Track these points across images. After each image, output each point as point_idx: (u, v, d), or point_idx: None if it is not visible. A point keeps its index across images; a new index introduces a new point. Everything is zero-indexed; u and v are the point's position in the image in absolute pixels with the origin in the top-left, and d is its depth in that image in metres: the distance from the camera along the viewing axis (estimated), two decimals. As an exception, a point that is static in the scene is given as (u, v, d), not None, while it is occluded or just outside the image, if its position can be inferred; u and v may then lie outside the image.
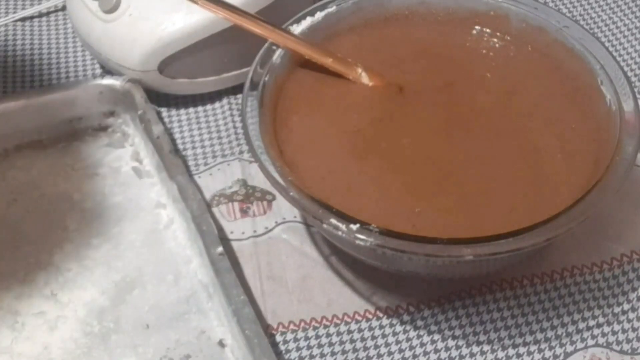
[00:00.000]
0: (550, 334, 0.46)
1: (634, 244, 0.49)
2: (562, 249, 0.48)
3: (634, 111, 0.45)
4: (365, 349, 0.45)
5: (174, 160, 0.51)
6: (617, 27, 0.62)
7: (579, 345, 0.45)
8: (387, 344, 0.45)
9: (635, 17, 0.62)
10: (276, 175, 0.43)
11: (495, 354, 0.45)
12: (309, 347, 0.45)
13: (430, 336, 0.46)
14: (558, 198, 0.43)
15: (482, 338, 0.46)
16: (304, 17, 0.50)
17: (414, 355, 0.45)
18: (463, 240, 0.40)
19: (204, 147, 0.54)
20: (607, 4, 0.63)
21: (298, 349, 0.45)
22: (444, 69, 0.50)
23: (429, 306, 0.47)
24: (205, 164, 0.53)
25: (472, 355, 0.45)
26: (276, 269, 0.48)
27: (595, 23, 0.62)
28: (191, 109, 0.57)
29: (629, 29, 0.62)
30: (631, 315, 0.46)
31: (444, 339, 0.46)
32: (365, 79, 0.49)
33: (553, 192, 0.44)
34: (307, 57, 0.49)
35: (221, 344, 0.45)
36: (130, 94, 0.54)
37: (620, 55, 0.60)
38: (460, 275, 0.47)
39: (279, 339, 0.45)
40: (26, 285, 0.47)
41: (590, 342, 0.45)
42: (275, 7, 0.54)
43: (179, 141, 0.55)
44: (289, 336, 0.46)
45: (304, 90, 0.49)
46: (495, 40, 0.51)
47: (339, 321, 0.46)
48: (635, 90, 0.47)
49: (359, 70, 0.49)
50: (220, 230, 0.49)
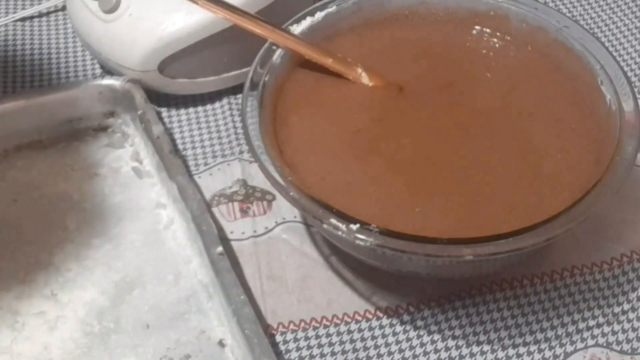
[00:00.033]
0: (550, 334, 0.46)
1: (634, 244, 0.49)
2: (562, 249, 0.48)
3: (634, 111, 0.45)
4: (365, 349, 0.45)
5: (174, 160, 0.51)
6: (617, 27, 0.62)
7: (579, 345, 0.45)
8: (387, 344, 0.45)
9: (635, 17, 0.62)
10: (276, 175, 0.43)
11: (495, 354, 0.45)
12: (309, 347, 0.45)
13: (430, 336, 0.46)
14: (558, 198, 0.43)
15: (482, 338, 0.46)
16: (304, 17, 0.50)
17: (414, 355, 0.45)
18: (463, 240, 0.40)
19: (204, 147, 0.54)
20: (607, 4, 0.63)
21: (298, 349, 0.45)
22: (444, 69, 0.50)
23: (429, 306, 0.47)
24: (205, 164, 0.53)
25: (472, 355, 0.45)
26: (276, 269, 0.48)
27: (595, 23, 0.62)
28: (191, 109, 0.57)
29: (629, 29, 0.62)
30: (631, 315, 0.46)
31: (444, 339, 0.46)
32: (365, 79, 0.49)
33: (553, 192, 0.44)
34: (307, 57, 0.49)
35: (221, 343, 0.45)
36: (130, 94, 0.54)
37: (620, 55, 0.60)
38: (460, 275, 0.47)
39: (279, 339, 0.45)
40: (26, 285, 0.47)
41: (590, 342, 0.45)
42: (275, 7, 0.54)
43: (179, 141, 0.55)
44: (289, 336, 0.46)
45: (304, 90, 0.49)
46: (495, 40, 0.51)
47: (339, 321, 0.46)
48: (635, 90, 0.47)
49: (359, 70, 0.49)
50: (220, 230, 0.49)
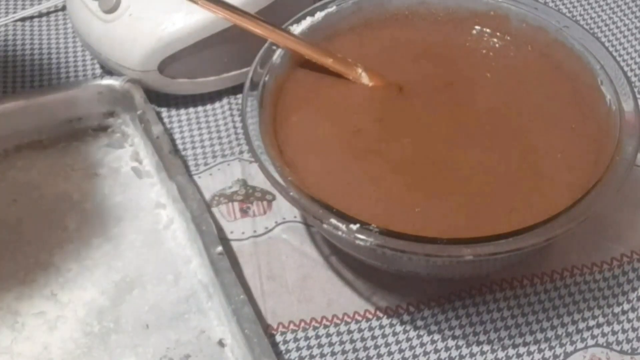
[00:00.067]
0: (550, 334, 0.46)
1: (634, 244, 0.49)
2: (562, 249, 0.48)
3: (634, 111, 0.45)
4: (365, 349, 0.45)
5: (173, 160, 0.51)
6: (617, 27, 0.62)
7: (579, 345, 0.45)
8: (387, 344, 0.45)
9: (635, 17, 0.62)
10: (276, 175, 0.43)
11: (495, 354, 0.45)
12: (309, 347, 0.45)
13: (430, 336, 0.46)
14: (558, 198, 0.43)
15: (482, 338, 0.46)
16: (304, 17, 0.50)
17: (414, 355, 0.45)
18: (463, 240, 0.40)
19: (204, 147, 0.54)
20: (607, 4, 0.63)
21: (298, 349, 0.45)
22: (444, 69, 0.50)
23: (429, 306, 0.47)
24: (205, 164, 0.53)
25: (472, 355, 0.45)
26: (276, 269, 0.48)
27: (595, 23, 0.62)
28: (191, 109, 0.57)
29: (629, 29, 0.62)
30: (631, 315, 0.46)
31: (444, 339, 0.46)
32: (365, 79, 0.49)
33: (553, 192, 0.44)
34: (307, 57, 0.49)
35: (221, 343, 0.45)
36: (129, 94, 0.54)
37: (620, 55, 0.60)
38: (460, 275, 0.47)
39: (279, 339, 0.45)
40: (26, 285, 0.47)
41: (590, 342, 0.45)
42: (275, 7, 0.54)
43: (179, 141, 0.55)
44: (289, 336, 0.46)
45: (304, 90, 0.49)
46: (495, 40, 0.51)
47: (339, 321, 0.46)
48: (635, 90, 0.47)
49: (359, 70, 0.49)
50: (220, 230, 0.49)
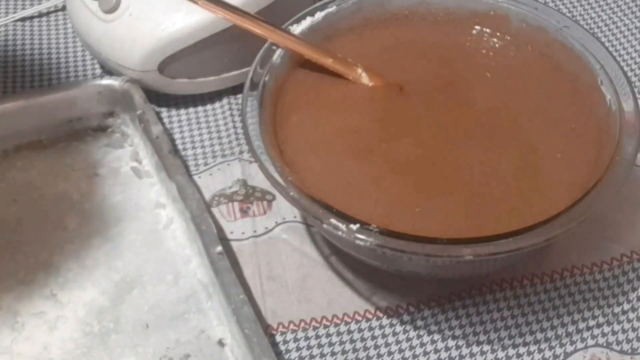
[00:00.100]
0: (550, 334, 0.46)
1: (634, 244, 0.49)
2: (562, 249, 0.48)
3: (634, 111, 0.45)
4: (365, 349, 0.45)
5: (173, 160, 0.51)
6: (617, 27, 0.62)
7: (579, 345, 0.45)
8: (387, 344, 0.45)
9: (635, 17, 0.62)
10: (276, 175, 0.43)
11: (495, 354, 0.45)
12: (309, 347, 0.45)
13: (430, 336, 0.46)
14: (558, 198, 0.43)
15: (482, 338, 0.46)
16: (304, 17, 0.50)
17: (414, 355, 0.45)
18: (463, 240, 0.40)
19: (204, 147, 0.54)
20: (607, 4, 0.63)
21: (298, 349, 0.45)
22: (444, 69, 0.50)
23: (429, 306, 0.47)
24: (205, 164, 0.53)
25: (472, 355, 0.45)
26: (276, 269, 0.48)
27: (595, 23, 0.62)
28: (191, 109, 0.57)
29: (629, 29, 0.62)
30: (631, 315, 0.46)
31: (444, 339, 0.46)
32: (365, 79, 0.49)
33: (553, 192, 0.44)
34: (307, 57, 0.49)
35: (221, 343, 0.45)
36: (129, 94, 0.54)
37: (620, 55, 0.60)
38: (460, 275, 0.47)
39: (279, 339, 0.45)
40: (26, 286, 0.47)
41: (590, 342, 0.45)
42: (275, 7, 0.54)
43: (178, 141, 0.55)
44: (289, 336, 0.46)
45: (304, 90, 0.49)
46: (495, 40, 0.51)
47: (339, 321, 0.46)
48: (635, 90, 0.47)
49: (359, 70, 0.49)
50: (220, 230, 0.49)
